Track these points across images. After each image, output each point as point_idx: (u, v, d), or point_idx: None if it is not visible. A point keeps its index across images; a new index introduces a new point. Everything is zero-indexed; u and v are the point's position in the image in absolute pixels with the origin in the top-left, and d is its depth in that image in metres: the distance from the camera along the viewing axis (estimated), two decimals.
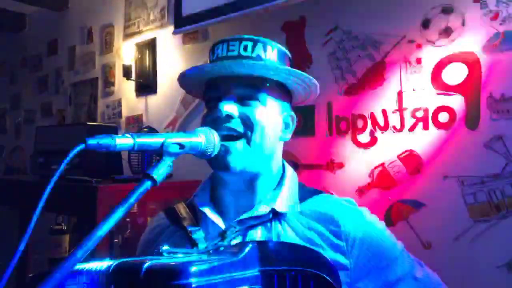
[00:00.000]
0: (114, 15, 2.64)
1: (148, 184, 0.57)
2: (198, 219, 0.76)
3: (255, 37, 0.74)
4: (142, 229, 1.93)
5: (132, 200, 0.55)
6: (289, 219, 0.72)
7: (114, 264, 0.54)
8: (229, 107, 0.69)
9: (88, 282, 0.54)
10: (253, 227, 0.71)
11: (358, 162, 1.54)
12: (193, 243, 0.69)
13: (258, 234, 0.71)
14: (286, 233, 0.71)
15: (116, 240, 1.82)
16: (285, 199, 0.74)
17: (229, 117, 0.70)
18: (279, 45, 0.76)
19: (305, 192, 0.78)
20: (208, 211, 0.74)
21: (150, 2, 2.38)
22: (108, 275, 0.53)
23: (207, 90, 0.76)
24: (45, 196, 0.48)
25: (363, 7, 1.56)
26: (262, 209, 0.71)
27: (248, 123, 0.70)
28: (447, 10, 1.38)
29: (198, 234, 0.71)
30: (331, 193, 0.81)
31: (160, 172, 0.58)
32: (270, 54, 0.74)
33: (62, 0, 3.02)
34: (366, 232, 0.72)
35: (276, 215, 0.72)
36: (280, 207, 0.72)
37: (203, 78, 0.77)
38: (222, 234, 0.69)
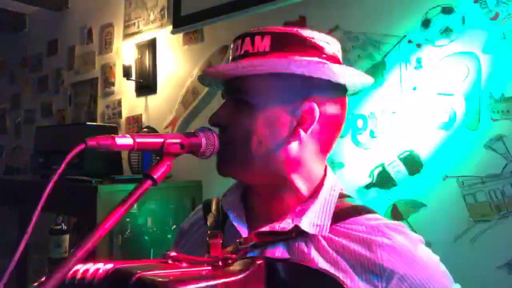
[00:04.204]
0: (114, 15, 2.64)
1: (148, 184, 0.57)
2: (225, 220, 0.71)
3: (250, 31, 0.67)
4: (142, 229, 1.94)
5: (132, 200, 0.55)
6: (316, 241, 0.63)
7: (110, 270, 0.54)
8: (216, 117, 0.67)
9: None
10: (272, 243, 0.64)
11: (358, 162, 1.54)
12: (207, 248, 0.66)
13: (277, 252, 0.63)
14: (310, 256, 0.61)
15: (116, 240, 1.82)
16: (314, 215, 0.64)
17: (219, 125, 0.67)
18: (279, 29, 0.66)
19: (345, 210, 0.66)
20: (233, 214, 0.70)
21: (150, 2, 2.38)
22: (104, 280, 0.53)
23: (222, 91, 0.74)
24: (45, 196, 0.48)
25: (363, 7, 1.56)
26: (284, 225, 0.63)
27: (234, 132, 0.65)
28: (447, 10, 1.38)
29: (216, 240, 0.66)
30: (375, 213, 0.67)
31: (160, 172, 0.58)
32: (260, 44, 0.65)
33: (62, 0, 3.02)
34: (409, 269, 0.59)
35: (301, 234, 0.62)
36: (306, 225, 0.62)
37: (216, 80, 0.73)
38: (236, 246, 0.64)
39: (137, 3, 2.46)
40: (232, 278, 0.51)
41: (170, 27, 2.18)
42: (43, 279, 0.46)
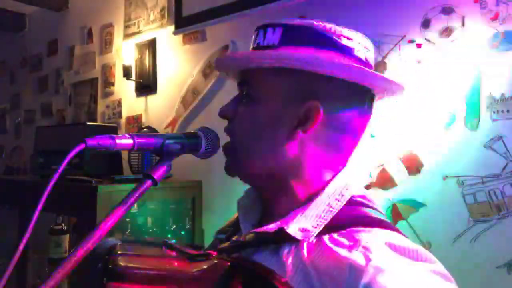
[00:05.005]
0: (114, 15, 2.64)
1: (148, 184, 0.57)
2: None
3: (266, 22, 0.64)
4: (142, 229, 1.94)
5: (132, 200, 0.55)
6: (300, 249, 0.57)
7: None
8: (224, 108, 0.66)
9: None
10: (264, 244, 0.61)
11: (358, 162, 1.53)
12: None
13: (263, 253, 0.60)
14: (287, 263, 0.57)
15: None
16: (304, 220, 0.59)
17: (225, 117, 0.67)
18: (292, 21, 0.62)
19: (347, 219, 0.59)
20: (242, 214, 0.69)
21: (150, 2, 2.38)
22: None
23: None
24: (45, 196, 0.48)
25: (363, 7, 1.56)
26: (272, 226, 0.59)
27: (237, 125, 0.65)
28: (447, 10, 1.38)
29: (219, 235, 0.68)
30: (388, 226, 0.58)
31: (160, 172, 0.58)
32: (271, 37, 0.62)
33: (62, 0, 3.02)
34: None
35: (288, 238, 0.58)
36: (292, 229, 0.57)
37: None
38: (229, 244, 0.64)
39: (137, 3, 2.46)
40: (185, 274, 0.54)
41: (170, 27, 2.18)
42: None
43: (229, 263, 0.55)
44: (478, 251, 1.27)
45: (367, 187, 1.51)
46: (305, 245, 0.57)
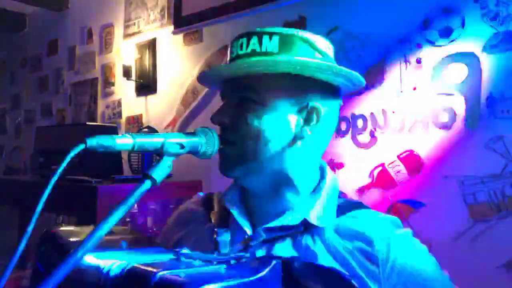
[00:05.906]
0: (114, 15, 2.64)
1: (148, 184, 0.56)
2: (227, 218, 0.72)
3: (256, 30, 0.67)
4: (142, 229, 1.94)
5: (132, 200, 0.55)
6: (323, 235, 0.64)
7: (126, 268, 0.50)
8: (219, 115, 0.67)
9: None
10: (281, 238, 0.65)
11: (358, 162, 1.54)
12: (215, 245, 0.67)
13: (285, 247, 0.65)
14: (318, 251, 0.63)
15: None
16: (320, 210, 0.66)
17: (222, 124, 0.67)
18: (287, 30, 0.66)
19: (345, 205, 0.69)
20: (236, 212, 0.70)
21: (150, 2, 2.38)
22: (118, 280, 0.50)
23: (220, 91, 0.73)
24: (45, 196, 0.48)
25: (363, 7, 1.56)
26: (294, 219, 0.65)
27: (240, 130, 0.65)
28: (447, 10, 1.38)
29: (224, 237, 0.68)
30: (368, 207, 0.72)
31: (160, 172, 0.57)
32: (268, 44, 0.65)
33: (62, 0, 3.02)
34: (407, 259, 0.63)
35: (308, 228, 0.65)
36: (314, 219, 0.64)
37: (216, 79, 0.73)
38: (247, 242, 0.65)
39: (137, 3, 2.46)
40: (251, 278, 0.50)
41: (170, 27, 2.19)
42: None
43: (278, 261, 0.54)
44: (478, 251, 1.27)
45: (367, 187, 1.51)
46: (326, 231, 0.64)
